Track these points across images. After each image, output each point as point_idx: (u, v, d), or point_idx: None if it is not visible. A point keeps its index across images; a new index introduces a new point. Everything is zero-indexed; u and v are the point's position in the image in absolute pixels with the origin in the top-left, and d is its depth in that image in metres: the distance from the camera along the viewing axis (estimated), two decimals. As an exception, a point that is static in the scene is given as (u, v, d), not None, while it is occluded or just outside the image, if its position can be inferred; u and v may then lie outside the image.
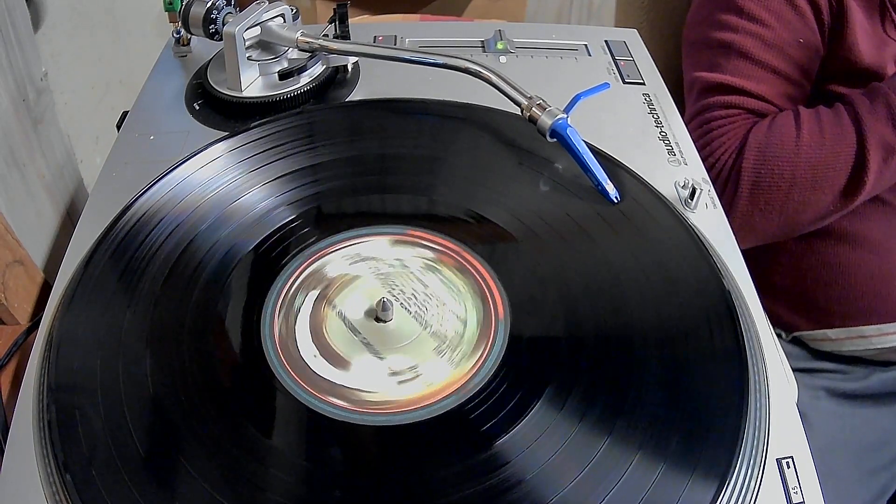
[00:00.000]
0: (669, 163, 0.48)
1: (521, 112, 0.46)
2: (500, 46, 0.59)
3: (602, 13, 1.20)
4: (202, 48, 0.58)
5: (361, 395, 0.36)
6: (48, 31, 0.62)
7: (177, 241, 0.41)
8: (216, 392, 0.35)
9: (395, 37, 0.60)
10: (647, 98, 0.54)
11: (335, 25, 0.54)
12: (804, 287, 0.77)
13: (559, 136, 0.45)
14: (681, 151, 0.49)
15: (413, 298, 0.40)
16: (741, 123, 0.68)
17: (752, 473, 0.32)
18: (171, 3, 0.55)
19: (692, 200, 0.45)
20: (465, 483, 0.32)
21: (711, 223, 0.44)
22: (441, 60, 0.49)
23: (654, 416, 0.34)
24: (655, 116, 0.52)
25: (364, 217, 0.44)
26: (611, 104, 0.53)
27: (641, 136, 0.50)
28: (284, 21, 0.53)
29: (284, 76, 0.52)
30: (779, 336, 0.80)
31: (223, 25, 0.51)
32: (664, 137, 0.50)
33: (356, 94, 0.54)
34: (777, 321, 0.79)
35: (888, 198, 0.70)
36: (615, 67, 0.57)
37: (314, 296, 0.40)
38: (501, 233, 0.43)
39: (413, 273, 0.41)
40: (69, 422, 0.33)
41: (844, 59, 0.69)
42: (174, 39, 0.58)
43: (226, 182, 0.45)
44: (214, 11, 0.51)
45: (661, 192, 0.45)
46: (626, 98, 0.54)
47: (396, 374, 0.37)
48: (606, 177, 0.44)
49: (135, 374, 0.35)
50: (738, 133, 0.67)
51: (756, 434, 0.33)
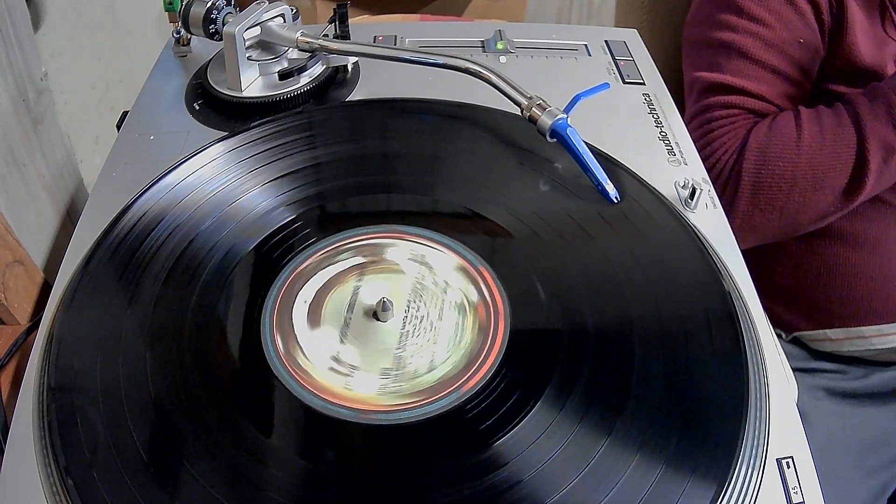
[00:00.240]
0: (669, 163, 0.48)
1: (521, 112, 0.46)
2: (500, 46, 0.59)
3: (602, 13, 1.20)
4: (202, 48, 0.58)
5: (297, 356, 0.37)
6: (48, 31, 0.62)
7: (177, 241, 0.41)
8: (216, 392, 0.35)
9: (395, 37, 0.60)
10: (647, 98, 0.54)
11: (335, 25, 0.54)
12: (804, 287, 0.77)
13: (559, 136, 0.45)
14: (681, 151, 0.49)
15: (417, 321, 0.39)
16: (741, 123, 0.68)
17: (752, 473, 0.32)
18: (171, 3, 0.55)
19: (692, 200, 0.45)
20: (465, 483, 0.32)
21: (711, 223, 0.44)
22: (441, 60, 0.49)
23: (654, 417, 0.34)
24: (655, 116, 0.52)
25: (364, 217, 0.44)
26: (611, 104, 0.53)
27: (641, 136, 0.50)
28: (284, 21, 0.53)
29: (284, 76, 0.52)
30: (779, 336, 0.80)
31: (223, 25, 0.51)
32: (664, 137, 0.50)
33: (356, 94, 0.54)
34: (777, 321, 0.79)
35: (888, 198, 0.70)
36: (615, 67, 0.57)
37: (358, 261, 0.41)
38: (501, 232, 0.43)
39: (444, 303, 0.40)
40: (69, 422, 0.33)
41: (844, 59, 0.69)
42: (174, 39, 0.58)
43: (226, 182, 0.45)
44: (214, 11, 0.51)
45: (661, 192, 0.45)
46: (626, 98, 0.54)
47: (336, 361, 0.37)
48: (606, 177, 0.44)
49: (135, 374, 0.35)
50: (739, 133, 0.67)
51: (756, 434, 0.33)
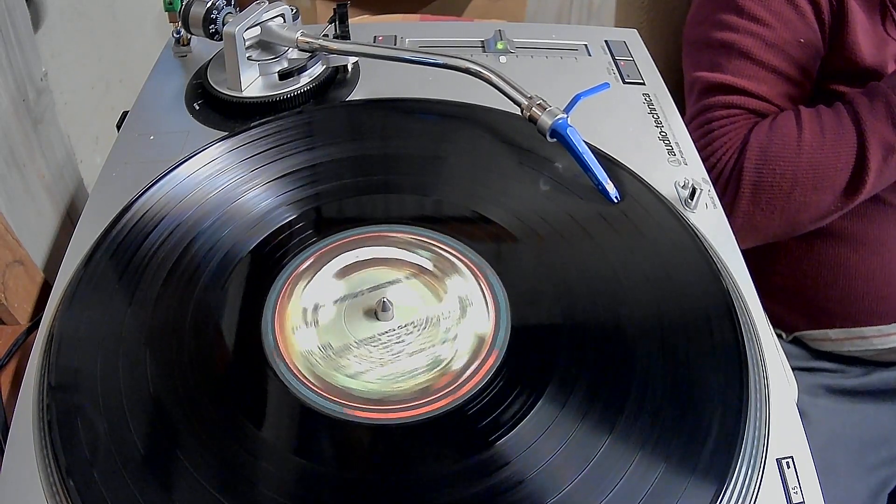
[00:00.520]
0: (669, 163, 0.48)
1: (521, 112, 0.46)
2: (500, 46, 0.59)
3: (602, 13, 1.20)
4: (202, 48, 0.58)
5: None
6: (48, 31, 0.62)
7: (177, 241, 0.41)
8: (216, 392, 0.35)
9: (395, 37, 0.60)
10: (647, 98, 0.54)
11: (335, 25, 0.54)
12: (804, 287, 0.77)
13: (559, 136, 0.45)
14: (681, 151, 0.49)
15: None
16: (742, 123, 0.68)
17: (752, 473, 0.32)
18: (171, 3, 0.55)
19: (692, 200, 0.45)
20: (466, 483, 0.32)
21: (711, 223, 0.44)
22: (441, 60, 0.49)
23: (655, 416, 0.34)
24: (655, 116, 0.52)
25: (363, 217, 0.44)
26: (611, 104, 0.53)
27: (641, 136, 0.50)
28: (284, 21, 0.53)
29: (284, 76, 0.52)
30: (779, 336, 0.80)
31: (223, 25, 0.51)
32: (664, 137, 0.50)
33: (356, 94, 0.54)
34: (777, 321, 0.79)
35: (889, 198, 0.70)
36: (615, 67, 0.57)
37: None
38: (502, 232, 0.43)
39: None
40: (69, 422, 0.33)
41: (845, 59, 0.69)
42: (174, 39, 0.58)
43: (226, 182, 0.45)
44: (214, 11, 0.51)
45: (661, 192, 0.45)
46: (626, 98, 0.54)
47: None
48: (606, 177, 0.44)
49: (135, 374, 0.35)
50: (739, 133, 0.67)
51: (756, 434, 0.33)
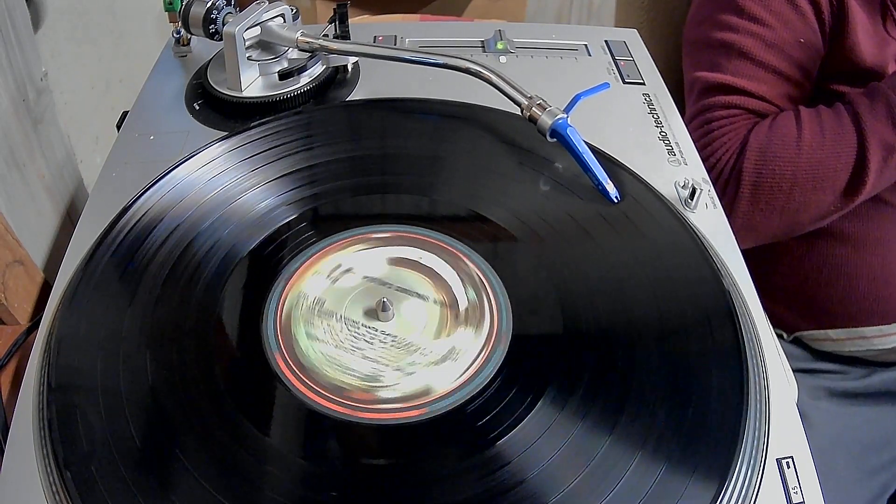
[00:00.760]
0: (669, 163, 0.48)
1: (521, 112, 0.46)
2: (500, 46, 0.59)
3: (602, 13, 1.20)
4: (202, 48, 0.58)
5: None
6: (48, 31, 0.62)
7: (177, 241, 0.41)
8: (216, 392, 0.35)
9: (395, 37, 0.60)
10: (647, 98, 0.54)
11: (335, 25, 0.54)
12: (805, 287, 0.77)
13: (559, 136, 0.45)
14: (681, 151, 0.49)
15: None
16: (742, 124, 0.68)
17: (752, 473, 0.32)
18: (171, 3, 0.55)
19: (692, 200, 0.45)
20: (466, 483, 0.32)
21: (711, 223, 0.44)
22: (441, 60, 0.49)
23: (655, 416, 0.34)
24: (655, 116, 0.52)
25: (363, 217, 0.44)
26: (611, 104, 0.53)
27: (641, 136, 0.50)
28: (284, 21, 0.53)
29: (284, 76, 0.52)
30: (780, 336, 0.80)
31: (223, 25, 0.51)
32: (664, 137, 0.50)
33: (356, 94, 0.54)
34: (778, 321, 0.79)
35: (889, 198, 0.70)
36: (615, 67, 0.57)
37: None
38: (502, 232, 0.43)
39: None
40: (69, 421, 0.33)
41: (845, 59, 0.69)
42: (174, 39, 0.58)
43: (226, 182, 0.45)
44: (214, 11, 0.51)
45: (661, 192, 0.45)
46: (626, 98, 0.54)
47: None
48: (606, 176, 0.44)
49: (135, 374, 0.35)
50: (739, 133, 0.67)
51: (756, 434, 0.33)
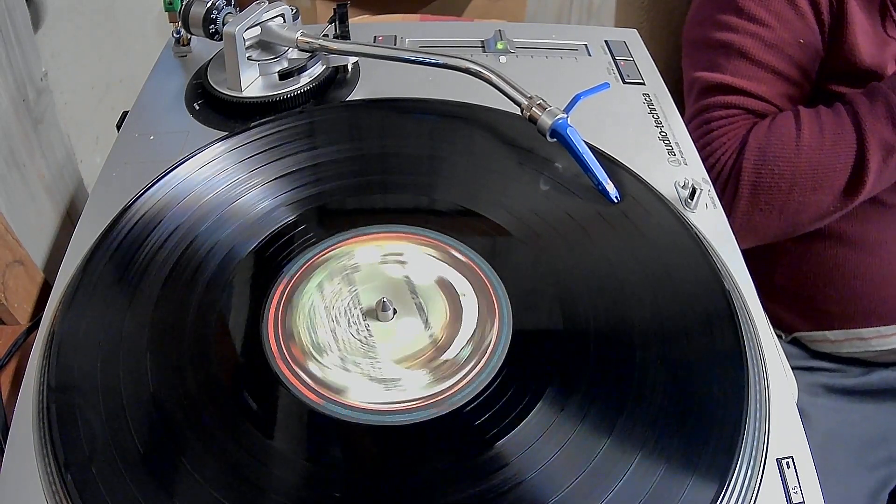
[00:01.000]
0: (669, 163, 0.48)
1: (521, 112, 0.46)
2: (500, 46, 0.59)
3: (602, 13, 1.20)
4: (202, 48, 0.58)
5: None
6: (48, 31, 0.62)
7: (177, 241, 0.41)
8: (216, 392, 0.35)
9: (395, 37, 0.60)
10: (647, 98, 0.54)
11: (335, 25, 0.54)
12: (803, 288, 0.77)
13: (559, 136, 0.45)
14: (681, 151, 0.49)
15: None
16: (741, 124, 0.68)
17: (752, 473, 0.32)
18: (171, 3, 0.55)
19: (692, 200, 0.45)
20: (466, 484, 0.32)
21: (711, 223, 0.44)
22: (441, 60, 0.49)
23: (655, 417, 0.34)
24: (655, 116, 0.52)
25: (364, 217, 0.44)
26: (611, 104, 0.53)
27: (641, 136, 0.50)
28: (284, 21, 0.53)
29: (284, 76, 0.52)
30: (778, 337, 0.80)
31: (223, 25, 0.51)
32: (664, 137, 0.50)
33: (356, 94, 0.54)
34: (776, 322, 0.79)
35: (888, 199, 0.70)
36: (615, 67, 0.57)
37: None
38: (502, 232, 0.43)
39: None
40: (69, 422, 0.33)
41: (845, 59, 0.69)
42: (174, 39, 0.58)
43: (226, 182, 0.45)
44: (214, 11, 0.51)
45: (661, 192, 0.45)
46: (626, 98, 0.54)
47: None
48: (606, 176, 0.44)
49: (135, 374, 0.35)
50: (739, 133, 0.67)
51: (756, 434, 0.33)
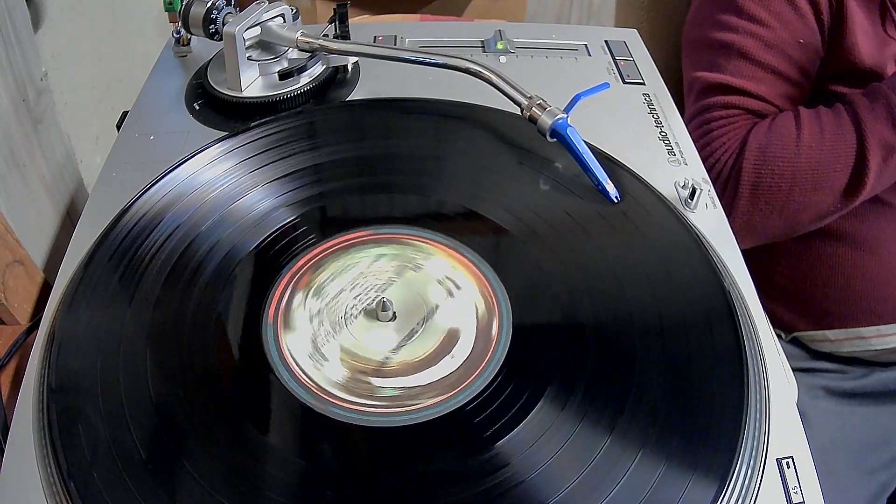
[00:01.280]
0: (669, 163, 0.48)
1: (521, 112, 0.46)
2: (500, 46, 0.59)
3: (602, 13, 1.20)
4: (202, 48, 0.58)
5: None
6: (48, 31, 0.62)
7: (177, 242, 0.41)
8: (217, 392, 0.35)
9: (395, 37, 0.60)
10: (647, 98, 0.54)
11: (335, 25, 0.54)
12: (803, 288, 0.77)
13: (559, 136, 0.45)
14: (681, 151, 0.49)
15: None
16: (741, 124, 0.68)
17: (752, 473, 0.32)
18: (171, 3, 0.55)
19: (692, 200, 0.45)
20: (466, 484, 0.32)
21: (711, 223, 0.44)
22: (441, 60, 0.49)
23: (655, 417, 0.34)
24: (655, 116, 0.52)
25: (364, 217, 0.44)
26: (611, 104, 0.53)
27: (641, 136, 0.50)
28: (284, 21, 0.53)
29: (284, 76, 0.52)
30: (778, 336, 0.80)
31: (223, 25, 0.51)
32: (664, 137, 0.50)
33: (356, 94, 0.54)
34: (776, 322, 0.79)
35: (888, 199, 0.70)
36: (615, 67, 0.57)
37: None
38: (502, 232, 0.43)
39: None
40: (69, 422, 0.33)
41: (845, 60, 0.69)
42: (174, 39, 0.58)
43: (226, 182, 0.45)
44: (214, 11, 0.51)
45: (661, 192, 0.45)
46: (626, 98, 0.54)
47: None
48: (606, 176, 0.44)
49: (135, 374, 0.35)
50: (739, 133, 0.67)
51: (756, 434, 0.33)
